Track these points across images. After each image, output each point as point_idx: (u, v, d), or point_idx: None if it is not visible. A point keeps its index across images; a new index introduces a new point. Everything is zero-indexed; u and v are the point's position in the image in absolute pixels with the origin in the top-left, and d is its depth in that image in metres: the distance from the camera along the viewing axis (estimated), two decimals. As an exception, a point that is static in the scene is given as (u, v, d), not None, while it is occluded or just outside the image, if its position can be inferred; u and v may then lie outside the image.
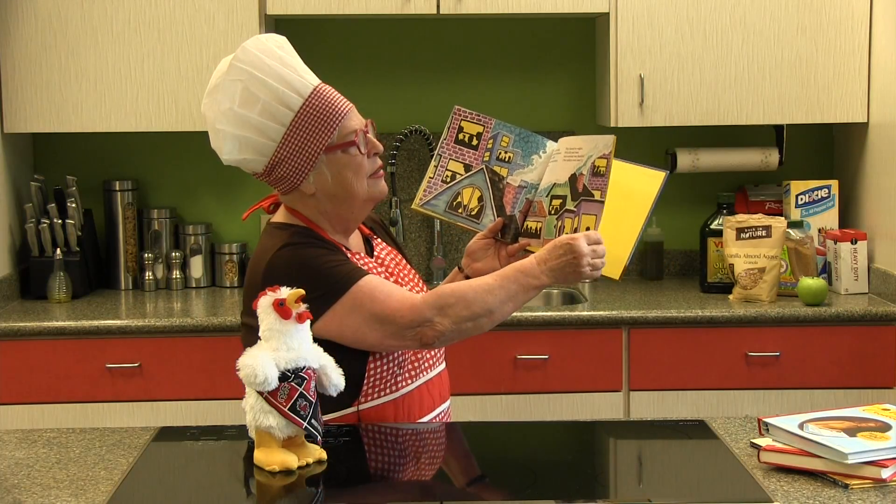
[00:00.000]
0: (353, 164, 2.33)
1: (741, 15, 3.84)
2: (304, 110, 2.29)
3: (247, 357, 1.99)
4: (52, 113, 3.80)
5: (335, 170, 2.32)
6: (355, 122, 2.34)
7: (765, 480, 2.01)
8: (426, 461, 2.25)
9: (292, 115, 2.28)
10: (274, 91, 2.27)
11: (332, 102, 2.31)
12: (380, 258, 2.44)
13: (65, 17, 3.77)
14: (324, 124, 2.29)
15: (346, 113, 2.32)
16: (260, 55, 2.28)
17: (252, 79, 2.27)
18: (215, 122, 2.29)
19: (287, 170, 2.30)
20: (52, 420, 3.55)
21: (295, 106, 2.28)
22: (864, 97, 3.87)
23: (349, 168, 2.33)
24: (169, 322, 3.57)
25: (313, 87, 2.31)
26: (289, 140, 2.29)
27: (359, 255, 2.39)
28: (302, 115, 2.29)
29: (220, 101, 2.28)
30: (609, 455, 2.35)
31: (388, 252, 2.49)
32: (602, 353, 3.61)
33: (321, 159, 2.31)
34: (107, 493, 2.00)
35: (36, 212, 3.93)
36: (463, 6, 3.81)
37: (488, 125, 2.61)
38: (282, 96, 2.27)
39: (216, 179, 4.20)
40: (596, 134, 2.68)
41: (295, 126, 2.29)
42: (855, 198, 4.04)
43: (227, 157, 2.31)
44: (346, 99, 2.36)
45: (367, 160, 2.35)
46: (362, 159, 2.34)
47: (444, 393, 2.45)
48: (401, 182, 4.18)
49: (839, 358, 3.62)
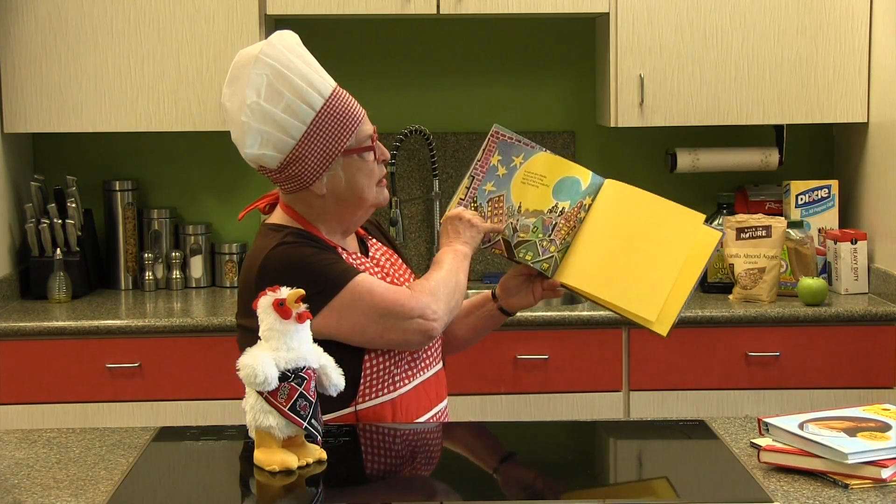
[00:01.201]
0: (367, 168, 2.34)
1: (741, 15, 3.84)
2: (324, 110, 2.29)
3: (247, 357, 1.99)
4: (52, 113, 3.80)
5: (350, 173, 2.33)
6: (369, 128, 2.36)
7: (765, 480, 2.01)
8: (426, 461, 2.25)
9: (313, 114, 2.28)
10: (298, 88, 2.27)
11: (350, 105, 2.32)
12: (374, 258, 2.44)
13: (65, 17, 3.77)
14: (343, 126, 2.30)
15: (363, 117, 2.34)
16: (285, 51, 2.28)
17: (277, 74, 2.26)
18: (240, 114, 2.27)
19: (301, 168, 2.29)
20: (52, 420, 3.54)
21: (316, 105, 2.28)
22: (864, 97, 3.87)
23: (363, 172, 2.34)
24: (169, 322, 3.57)
25: (332, 88, 2.32)
26: (308, 139, 2.28)
27: (355, 254, 2.39)
28: (322, 115, 2.29)
29: (247, 94, 2.25)
30: (609, 455, 2.35)
31: (384, 252, 2.49)
32: (602, 353, 3.61)
33: (338, 161, 2.31)
34: (107, 493, 2.00)
35: (36, 212, 3.93)
36: (463, 6, 3.81)
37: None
38: (305, 94, 2.27)
39: (216, 179, 4.20)
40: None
41: (315, 125, 2.28)
42: (855, 198, 4.04)
43: (249, 150, 2.28)
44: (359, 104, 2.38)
45: (378, 167, 2.36)
46: (374, 165, 2.35)
47: (441, 392, 2.45)
48: (401, 182, 4.18)
49: (839, 358, 3.62)
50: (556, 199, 2.43)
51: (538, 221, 2.43)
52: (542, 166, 2.45)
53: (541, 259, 2.41)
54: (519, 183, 2.45)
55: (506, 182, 2.45)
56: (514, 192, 2.45)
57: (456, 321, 2.57)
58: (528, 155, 2.45)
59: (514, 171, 2.45)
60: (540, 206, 2.43)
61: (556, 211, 2.43)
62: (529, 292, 2.50)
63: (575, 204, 2.42)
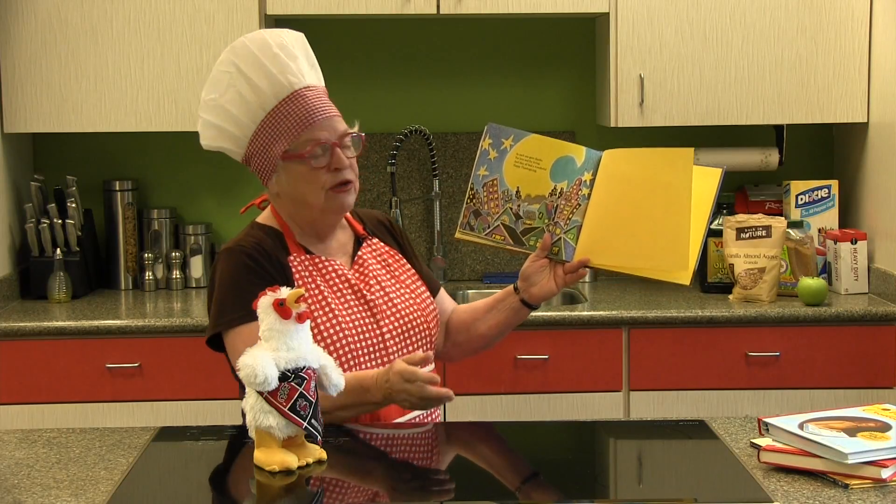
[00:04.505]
0: (308, 174, 2.33)
1: (741, 15, 3.84)
2: (274, 112, 2.32)
3: (247, 357, 1.99)
4: (52, 113, 3.80)
5: (291, 177, 2.35)
6: (324, 134, 2.32)
7: (765, 480, 2.01)
8: (426, 461, 2.25)
9: (264, 114, 2.32)
10: (253, 87, 2.32)
11: (305, 109, 2.32)
12: (361, 259, 2.43)
13: (65, 17, 3.77)
14: (288, 130, 2.31)
15: (317, 122, 2.31)
16: (252, 49, 2.33)
17: (238, 72, 2.33)
18: (201, 109, 2.38)
19: (256, 166, 2.37)
20: (52, 420, 3.54)
21: (268, 106, 2.32)
22: (864, 97, 3.87)
23: (303, 178, 2.33)
24: (169, 322, 3.57)
25: (292, 91, 2.32)
26: (256, 138, 2.34)
27: (330, 260, 2.38)
28: (272, 116, 2.32)
29: (208, 90, 2.36)
30: (609, 455, 2.35)
31: (383, 253, 2.48)
32: (602, 353, 3.61)
33: (280, 164, 2.33)
34: (107, 493, 2.00)
35: (36, 212, 3.93)
36: (463, 6, 3.81)
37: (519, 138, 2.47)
38: (259, 94, 2.32)
39: (216, 179, 4.20)
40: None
41: (263, 126, 2.33)
42: (855, 198, 4.04)
43: (204, 143, 2.39)
44: (329, 108, 2.35)
45: (328, 174, 2.33)
46: (319, 172, 2.32)
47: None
48: (401, 182, 4.18)
49: (839, 358, 3.61)
50: (554, 181, 2.42)
51: (542, 207, 2.41)
52: (536, 149, 2.43)
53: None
54: (511, 166, 2.43)
55: (498, 165, 2.43)
56: (507, 176, 2.43)
57: (477, 317, 2.57)
58: (518, 137, 2.43)
59: (504, 154, 2.43)
60: (541, 190, 2.42)
61: (556, 193, 2.41)
62: (551, 279, 2.45)
63: (573, 182, 2.41)
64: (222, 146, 2.38)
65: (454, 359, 2.70)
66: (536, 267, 2.46)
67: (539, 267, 2.46)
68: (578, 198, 2.41)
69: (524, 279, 2.48)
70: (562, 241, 2.41)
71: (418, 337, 2.42)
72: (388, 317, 2.38)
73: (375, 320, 2.37)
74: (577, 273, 2.41)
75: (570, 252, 2.41)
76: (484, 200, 2.43)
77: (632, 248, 2.37)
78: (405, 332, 2.40)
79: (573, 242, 2.40)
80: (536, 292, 2.47)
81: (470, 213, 2.45)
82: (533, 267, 2.46)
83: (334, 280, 2.37)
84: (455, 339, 2.60)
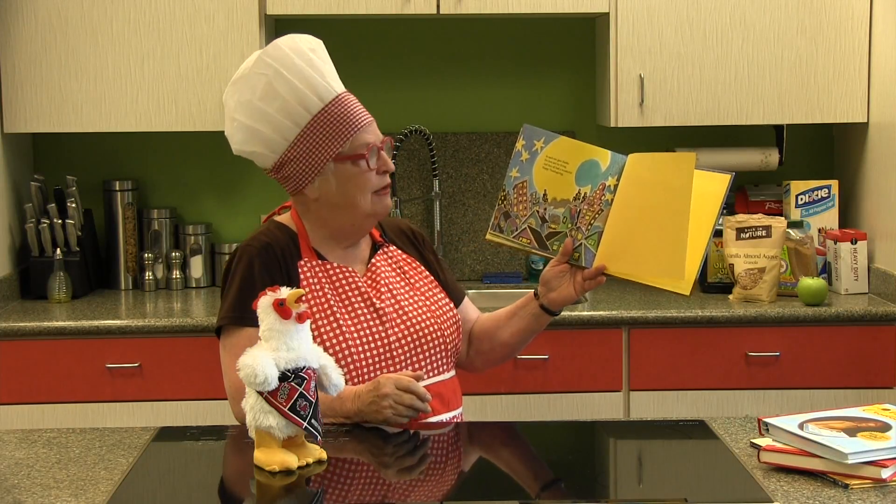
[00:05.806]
0: (359, 177, 2.35)
1: (741, 15, 3.84)
2: (321, 115, 2.32)
3: (247, 357, 2.00)
4: (52, 113, 3.80)
5: (341, 180, 2.34)
6: (371, 137, 2.36)
7: (765, 480, 2.01)
8: (425, 461, 2.25)
9: (309, 117, 2.32)
10: (295, 91, 2.30)
11: (351, 112, 2.34)
12: (375, 266, 2.43)
13: (65, 17, 3.77)
14: (338, 132, 2.32)
15: (364, 126, 2.35)
16: (290, 53, 2.32)
17: (277, 75, 2.30)
18: (233, 111, 2.33)
19: (294, 170, 2.34)
20: (52, 420, 3.54)
21: (313, 109, 2.32)
22: (864, 97, 3.87)
23: (355, 180, 2.35)
24: (169, 322, 3.57)
25: (336, 95, 2.34)
26: (301, 141, 2.32)
27: (342, 267, 2.38)
28: (318, 119, 2.32)
29: (242, 92, 2.32)
30: (609, 455, 2.35)
31: (399, 261, 2.47)
32: (602, 353, 3.61)
33: (329, 167, 2.33)
34: (107, 493, 2.00)
35: (36, 212, 3.93)
36: (463, 6, 3.81)
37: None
38: (302, 97, 2.31)
39: (216, 179, 4.20)
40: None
41: (309, 129, 2.32)
42: (855, 198, 4.04)
43: (237, 146, 2.35)
44: (367, 112, 2.38)
45: (376, 176, 2.36)
46: (370, 174, 2.36)
47: (449, 401, 2.44)
48: (401, 182, 4.18)
49: (839, 358, 3.61)
50: (579, 185, 2.39)
51: (566, 211, 2.39)
52: (563, 151, 2.40)
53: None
54: (540, 168, 2.41)
55: (528, 167, 2.41)
56: (536, 178, 2.41)
57: (500, 325, 2.55)
58: (549, 139, 2.42)
59: (535, 156, 2.41)
60: (566, 194, 2.39)
61: (580, 198, 2.39)
62: (570, 285, 2.42)
63: (596, 187, 2.38)
64: (254, 150, 2.35)
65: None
66: (556, 272, 2.43)
67: (559, 272, 2.43)
68: (601, 203, 2.37)
69: (544, 284, 2.46)
70: (582, 246, 2.38)
71: (430, 345, 2.41)
72: (397, 324, 2.38)
73: (384, 328, 2.36)
74: (596, 280, 2.38)
75: (590, 258, 2.38)
76: (514, 202, 2.41)
77: (637, 255, 2.34)
78: (415, 340, 2.39)
79: (593, 248, 2.37)
80: (555, 297, 2.45)
81: (500, 214, 2.43)
82: (553, 272, 2.43)
83: (344, 287, 2.37)
84: (479, 348, 2.59)
